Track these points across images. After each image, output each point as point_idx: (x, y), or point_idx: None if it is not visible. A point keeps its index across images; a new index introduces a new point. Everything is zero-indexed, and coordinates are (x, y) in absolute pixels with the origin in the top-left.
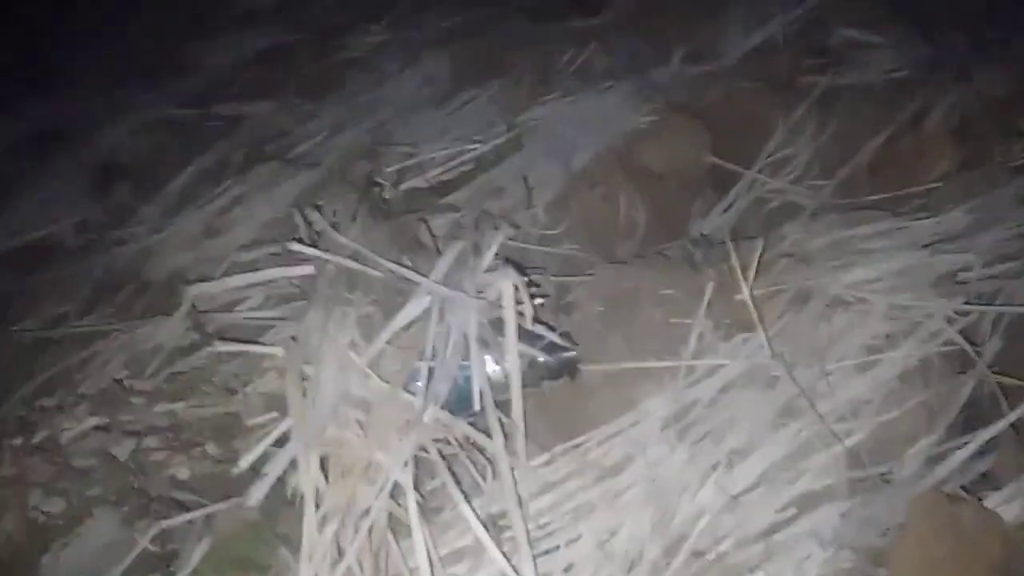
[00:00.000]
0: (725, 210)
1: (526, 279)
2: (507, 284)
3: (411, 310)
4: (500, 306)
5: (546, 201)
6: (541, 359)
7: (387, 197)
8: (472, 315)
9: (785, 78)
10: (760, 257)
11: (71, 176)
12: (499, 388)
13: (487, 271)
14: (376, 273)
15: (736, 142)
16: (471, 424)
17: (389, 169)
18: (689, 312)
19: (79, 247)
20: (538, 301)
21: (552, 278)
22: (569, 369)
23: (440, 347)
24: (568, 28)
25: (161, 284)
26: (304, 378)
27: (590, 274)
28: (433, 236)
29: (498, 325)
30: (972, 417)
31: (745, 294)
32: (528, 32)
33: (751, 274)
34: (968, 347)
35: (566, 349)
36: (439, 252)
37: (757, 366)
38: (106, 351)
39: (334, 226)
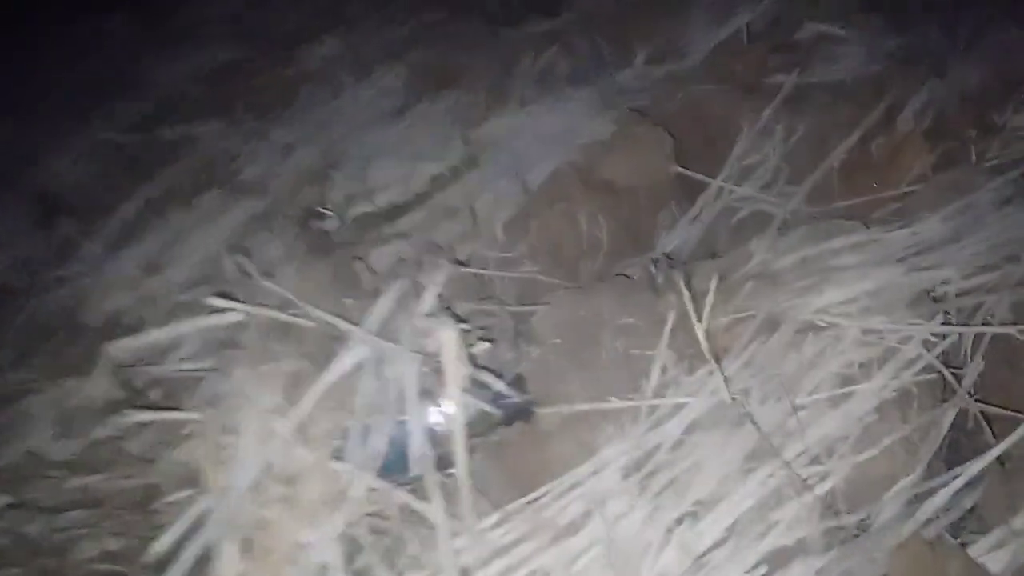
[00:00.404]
0: (692, 222)
1: (467, 327)
2: (447, 335)
3: (343, 364)
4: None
5: (504, 221)
6: (492, 407)
7: (329, 229)
8: (410, 367)
9: (751, 78)
10: (725, 279)
11: (12, 209)
12: (445, 441)
13: (428, 315)
14: (307, 322)
15: (702, 149)
16: (413, 486)
17: (337, 194)
18: (652, 342)
19: (21, 288)
20: (485, 345)
21: (508, 308)
22: (524, 414)
23: (376, 404)
24: (527, 31)
25: (97, 329)
26: (224, 448)
27: (546, 302)
28: (375, 273)
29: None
30: (954, 450)
31: (699, 331)
32: (486, 37)
33: (707, 304)
34: (948, 374)
35: (519, 394)
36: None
37: (723, 403)
38: (33, 409)
39: (269, 268)
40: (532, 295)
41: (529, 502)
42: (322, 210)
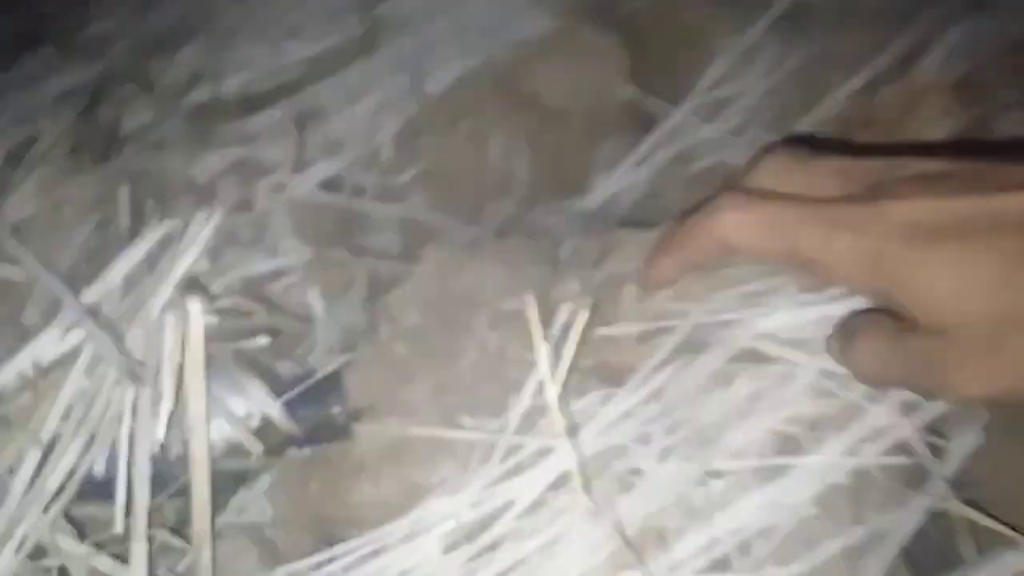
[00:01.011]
0: (638, 164)
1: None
2: (184, 318)
3: (41, 351)
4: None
5: (391, 134)
6: (283, 417)
7: (123, 128)
8: (142, 362)
9: None
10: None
11: None
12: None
13: (181, 284)
14: (18, 276)
15: (665, 69)
16: (116, 543)
17: (180, 71)
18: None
19: None
20: (261, 340)
21: (367, 260)
22: (333, 431)
23: (82, 414)
24: None
25: None
26: None
27: (414, 262)
28: (160, 203)
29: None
30: (918, 570)
31: (570, 344)
32: None
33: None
34: (928, 456)
35: (323, 403)
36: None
37: (608, 452)
38: None
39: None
40: (414, 241)
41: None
42: (131, 92)
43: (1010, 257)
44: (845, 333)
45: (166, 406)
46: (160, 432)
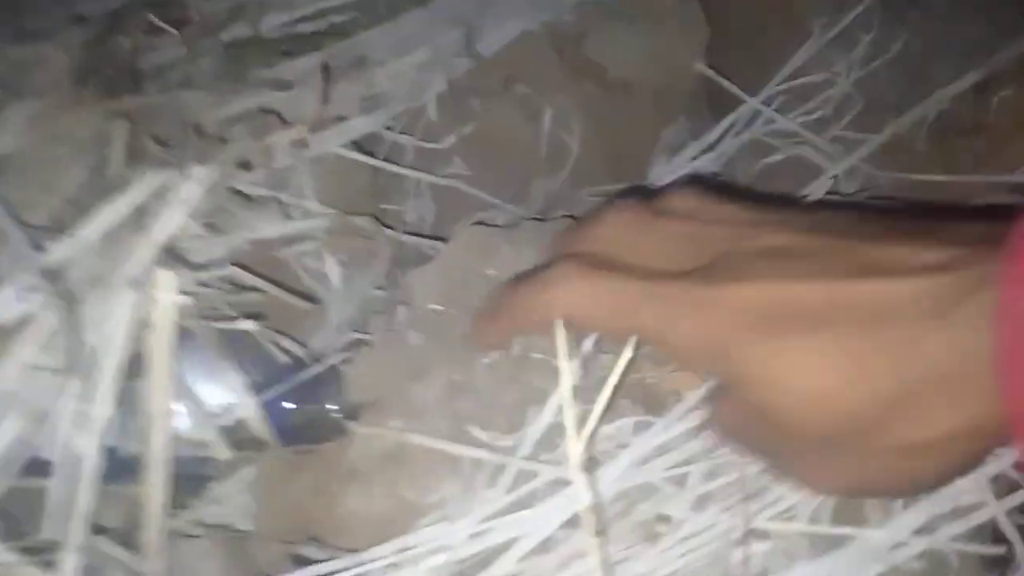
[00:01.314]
0: (705, 152)
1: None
2: (158, 297)
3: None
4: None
5: (437, 95)
6: (260, 418)
7: (131, 64)
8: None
9: None
10: None
11: None
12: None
13: (159, 252)
14: None
15: (748, 46)
16: (50, 549)
17: (207, 6)
18: (569, 345)
19: None
20: (246, 324)
21: (390, 233)
22: (325, 429)
23: (30, 396)
24: None
25: None
26: None
27: (442, 239)
28: (165, 146)
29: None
30: None
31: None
32: None
33: None
34: (1018, 544)
35: (320, 397)
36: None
37: (638, 493)
38: None
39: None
40: (447, 215)
41: None
42: (157, 23)
43: (858, 356)
44: (715, 388)
45: (103, 410)
46: (92, 443)
